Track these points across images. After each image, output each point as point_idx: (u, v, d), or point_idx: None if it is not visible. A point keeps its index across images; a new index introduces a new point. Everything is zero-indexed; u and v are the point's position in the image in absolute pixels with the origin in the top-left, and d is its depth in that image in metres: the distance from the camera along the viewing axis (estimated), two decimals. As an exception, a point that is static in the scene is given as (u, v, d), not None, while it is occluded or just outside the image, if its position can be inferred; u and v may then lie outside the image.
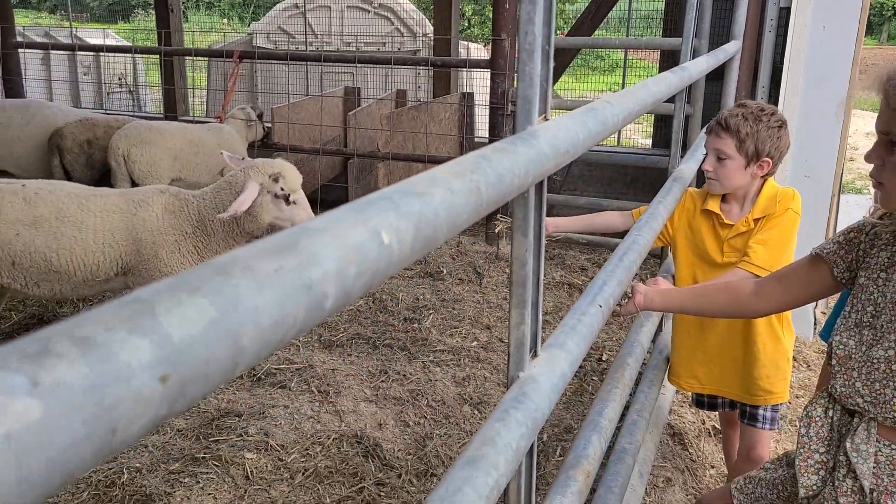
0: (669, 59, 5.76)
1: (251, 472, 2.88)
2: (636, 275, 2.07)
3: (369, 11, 10.49)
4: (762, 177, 2.34)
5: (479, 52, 11.24)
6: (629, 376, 2.18)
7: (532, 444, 1.39)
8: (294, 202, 3.20)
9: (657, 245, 2.73)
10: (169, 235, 3.12)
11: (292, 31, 10.84)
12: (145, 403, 0.43)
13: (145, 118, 6.90)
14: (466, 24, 23.26)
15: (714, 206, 2.45)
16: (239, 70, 6.22)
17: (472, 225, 3.63)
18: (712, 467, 3.07)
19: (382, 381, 3.64)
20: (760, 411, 2.53)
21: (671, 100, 3.09)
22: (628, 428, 2.41)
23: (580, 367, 3.79)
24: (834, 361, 1.60)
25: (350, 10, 10.55)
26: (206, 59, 10.39)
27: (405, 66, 9.01)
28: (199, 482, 2.82)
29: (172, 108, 8.25)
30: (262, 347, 0.53)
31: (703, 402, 2.78)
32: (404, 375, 3.69)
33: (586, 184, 6.48)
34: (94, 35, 13.22)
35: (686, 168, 2.77)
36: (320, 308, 0.59)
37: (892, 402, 1.44)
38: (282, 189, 3.15)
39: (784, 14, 3.90)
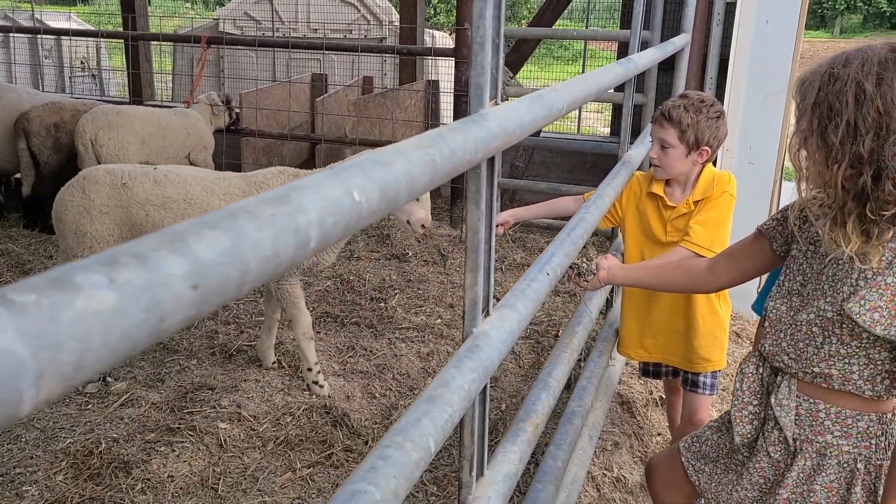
0: (626, 50, 5.97)
1: (224, 440, 3.03)
2: (583, 252, 2.26)
3: (336, -2, 10.55)
4: (702, 163, 2.54)
5: (445, 39, 11.37)
6: (577, 342, 2.37)
7: (485, 393, 1.57)
8: (417, 199, 3.14)
9: (609, 225, 2.93)
10: None
11: (259, 17, 10.85)
12: (182, 303, 0.59)
13: (112, 102, 6.92)
14: (433, 13, 23.34)
15: (658, 189, 2.65)
16: (207, 55, 6.28)
17: (436, 210, 3.76)
18: (658, 434, 3.30)
19: (350, 356, 3.81)
20: (701, 378, 2.75)
21: (623, 89, 3.29)
22: (578, 393, 2.61)
23: (538, 342, 4.00)
24: (766, 324, 1.80)
25: (317, -4, 10.60)
26: (171, 44, 10.36)
27: (371, 54, 9.11)
28: (174, 450, 2.96)
29: (138, 92, 8.25)
30: (263, 272, 0.69)
31: (648, 370, 2.99)
32: (371, 351, 3.85)
33: (548, 170, 6.69)
34: (55, 18, 13.04)
35: (635, 153, 2.97)
36: (305, 247, 0.76)
37: (812, 359, 1.63)
38: None
39: (730, 9, 4.12)
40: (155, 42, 9.46)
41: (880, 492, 1.61)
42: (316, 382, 3.40)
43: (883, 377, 1.58)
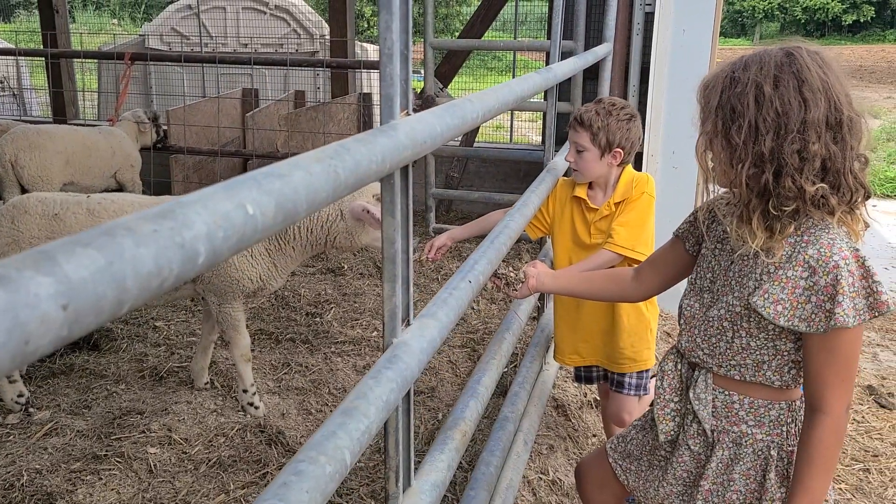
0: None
1: (154, 465, 2.94)
2: (506, 260, 2.27)
3: (265, 13, 10.45)
4: (618, 165, 2.61)
5: (378, 53, 11.37)
6: (506, 348, 2.39)
7: (409, 403, 1.57)
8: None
9: (539, 235, 2.96)
10: None
11: (186, 32, 10.67)
12: (50, 324, 0.58)
13: (33, 122, 6.69)
14: (366, 25, 23.34)
15: (581, 192, 2.70)
16: (131, 72, 6.14)
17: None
18: (594, 436, 3.34)
19: (285, 373, 3.75)
20: (626, 379, 2.80)
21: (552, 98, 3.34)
22: (510, 399, 2.63)
23: (475, 350, 4.02)
24: (681, 322, 1.85)
25: (245, 11, 10.48)
26: (95, 61, 10.09)
27: (301, 68, 9.05)
28: (101, 479, 2.86)
29: (62, 111, 8.02)
30: (145, 290, 0.68)
31: (581, 376, 3.03)
32: (306, 367, 3.81)
33: (482, 180, 6.74)
34: (-29, 36, 12.55)
35: (560, 160, 3.02)
36: (194, 263, 0.75)
37: (725, 353, 1.69)
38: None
39: (649, 18, 4.25)
40: (78, 60, 9.20)
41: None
42: (251, 404, 3.34)
43: (790, 367, 1.65)
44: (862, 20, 32.57)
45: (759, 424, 1.70)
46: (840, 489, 3.20)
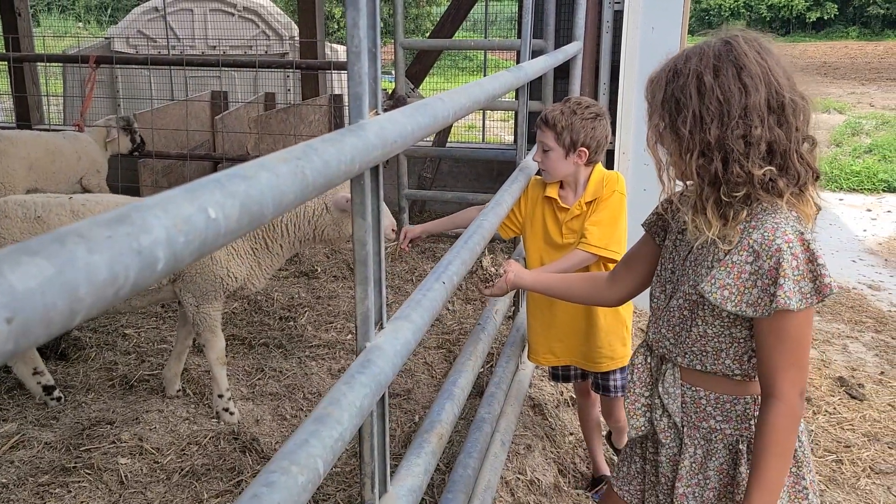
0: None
1: (125, 476, 2.88)
2: (483, 255, 2.26)
3: (234, 14, 10.33)
4: (586, 164, 2.60)
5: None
6: (481, 349, 2.37)
7: (384, 407, 1.54)
8: None
9: (511, 235, 2.95)
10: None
11: (153, 34, 10.51)
12: (-6, 338, 0.54)
13: (-5, 128, 6.54)
14: (336, 27, 23.21)
15: (553, 192, 2.69)
16: (97, 76, 6.02)
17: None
18: (571, 434, 3.34)
19: (259, 378, 3.70)
20: (611, 382, 2.80)
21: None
22: (487, 399, 2.61)
23: (450, 352, 3.99)
24: (650, 313, 1.85)
25: (213, 13, 10.36)
26: (60, 65, 9.91)
27: (270, 70, 8.97)
28: (70, 492, 2.79)
29: (26, 116, 7.85)
30: (100, 298, 0.64)
31: (557, 375, 3.03)
32: (280, 372, 3.76)
33: (455, 180, 6.73)
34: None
35: (531, 159, 3.01)
36: (152, 269, 0.71)
37: (686, 342, 1.71)
38: None
39: (619, 17, 4.26)
40: (42, 63, 9.02)
41: None
42: (226, 409, 3.29)
43: (749, 356, 1.66)
44: (826, 17, 33.12)
45: (727, 420, 1.71)
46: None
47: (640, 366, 1.86)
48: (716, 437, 1.72)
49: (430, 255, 5.54)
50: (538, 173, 2.91)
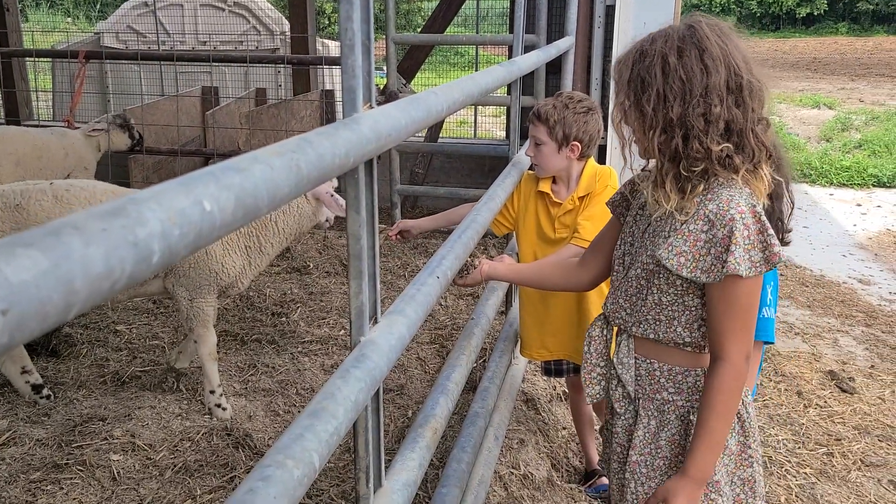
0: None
1: (118, 472, 2.87)
2: (478, 251, 2.26)
3: (224, 9, 10.28)
4: (578, 158, 2.60)
5: (339, 49, 11.27)
6: (475, 344, 2.37)
7: (378, 402, 1.54)
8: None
9: (505, 231, 2.95)
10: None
11: (143, 29, 10.44)
12: (-12, 331, 0.54)
13: (-17, 123, 6.49)
14: (327, 22, 23.13)
15: (546, 187, 2.70)
16: (86, 71, 5.98)
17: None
18: (564, 428, 3.35)
19: (251, 374, 3.69)
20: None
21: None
22: (480, 394, 2.62)
23: (443, 346, 3.99)
24: (609, 286, 1.93)
25: (203, 8, 10.30)
26: (49, 60, 9.84)
27: (263, 65, 8.93)
28: (62, 488, 2.78)
29: (15, 112, 7.80)
30: (95, 291, 0.64)
31: (550, 369, 3.03)
32: (273, 368, 3.75)
33: (447, 175, 6.72)
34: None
35: (524, 154, 3.01)
36: (148, 262, 0.71)
37: (641, 310, 1.77)
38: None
39: (610, 12, 4.26)
40: (31, 59, 8.95)
41: None
42: (219, 405, 3.28)
43: (699, 324, 1.72)
44: (815, 13, 33.24)
45: (679, 391, 1.78)
46: (805, 473, 3.25)
47: (596, 337, 1.94)
48: (668, 408, 1.78)
49: (422, 250, 5.54)
50: (531, 168, 2.91)
